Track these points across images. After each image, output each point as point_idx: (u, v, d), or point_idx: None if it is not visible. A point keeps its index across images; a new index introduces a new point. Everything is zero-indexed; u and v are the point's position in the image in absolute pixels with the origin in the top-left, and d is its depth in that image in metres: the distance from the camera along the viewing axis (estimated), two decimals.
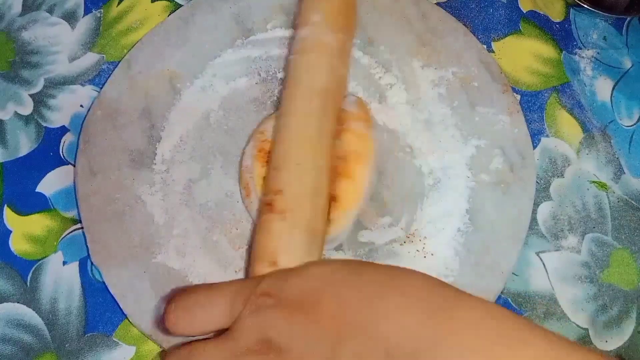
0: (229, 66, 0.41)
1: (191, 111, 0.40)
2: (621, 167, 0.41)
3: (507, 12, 0.45)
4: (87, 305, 0.37)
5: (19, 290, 0.37)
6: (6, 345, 0.36)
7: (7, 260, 0.37)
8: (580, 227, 0.40)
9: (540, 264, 0.39)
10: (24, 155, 0.40)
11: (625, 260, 0.39)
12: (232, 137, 0.39)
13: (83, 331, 0.36)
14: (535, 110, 0.42)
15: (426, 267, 0.37)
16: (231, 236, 0.37)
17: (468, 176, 0.39)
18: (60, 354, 0.36)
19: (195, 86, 0.40)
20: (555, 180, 0.41)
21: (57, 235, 0.38)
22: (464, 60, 0.42)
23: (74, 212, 0.38)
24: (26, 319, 0.36)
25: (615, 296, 0.38)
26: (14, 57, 0.42)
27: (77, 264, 0.37)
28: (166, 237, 0.37)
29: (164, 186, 0.38)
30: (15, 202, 0.39)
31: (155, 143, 0.39)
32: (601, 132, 0.42)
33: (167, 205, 0.38)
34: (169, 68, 0.41)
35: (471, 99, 0.41)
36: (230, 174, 0.39)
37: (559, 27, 0.45)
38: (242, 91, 0.41)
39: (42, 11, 0.43)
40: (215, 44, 0.41)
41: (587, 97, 0.43)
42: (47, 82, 0.41)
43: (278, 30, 0.42)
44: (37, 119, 0.40)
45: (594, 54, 0.44)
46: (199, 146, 0.39)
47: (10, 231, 0.38)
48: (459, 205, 0.38)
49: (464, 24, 0.43)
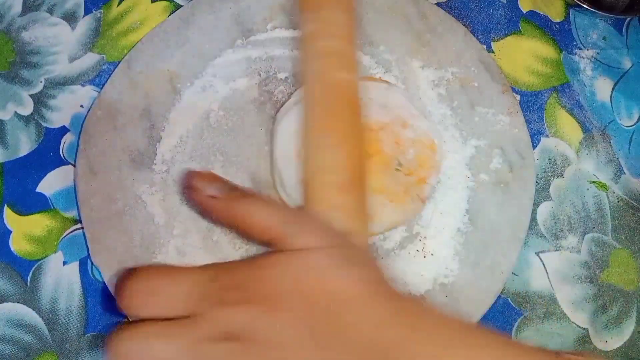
0: (229, 66, 0.41)
1: (191, 111, 0.40)
2: (621, 167, 0.41)
3: (506, 12, 0.45)
4: (88, 305, 0.37)
5: (19, 290, 0.37)
6: (6, 345, 0.36)
7: (7, 260, 0.37)
8: (580, 227, 0.40)
9: (540, 264, 0.39)
10: (24, 155, 0.40)
11: (625, 260, 0.39)
12: (232, 137, 0.39)
13: (83, 331, 0.36)
14: (535, 110, 0.42)
15: (426, 267, 0.37)
16: (231, 236, 0.37)
17: (468, 176, 0.39)
18: (60, 354, 0.36)
19: (196, 86, 0.40)
20: (555, 180, 0.41)
21: (58, 235, 0.38)
22: (463, 61, 0.42)
23: (74, 212, 0.38)
24: (26, 319, 0.36)
25: (615, 296, 0.39)
26: (14, 57, 0.42)
27: (77, 263, 0.37)
28: (166, 237, 0.37)
29: (164, 186, 0.38)
30: (16, 202, 0.39)
31: (155, 143, 0.39)
32: (601, 132, 0.42)
33: (167, 205, 0.38)
34: (169, 68, 0.41)
35: (471, 99, 0.41)
36: (230, 173, 0.39)
37: (558, 27, 0.45)
38: (242, 91, 0.41)
39: (42, 11, 0.43)
40: (216, 44, 0.41)
41: (586, 97, 0.43)
42: (47, 82, 0.41)
43: (278, 31, 0.42)
44: (37, 119, 0.40)
45: (593, 54, 0.44)
46: (199, 146, 0.39)
47: (10, 231, 0.38)
48: (458, 205, 0.38)
49: (464, 24, 0.43)
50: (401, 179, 0.37)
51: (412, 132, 0.38)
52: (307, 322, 0.26)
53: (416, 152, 0.37)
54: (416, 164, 0.37)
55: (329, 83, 0.35)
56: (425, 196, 0.37)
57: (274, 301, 0.27)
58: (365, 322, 0.26)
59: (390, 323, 0.26)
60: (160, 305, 0.27)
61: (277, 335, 0.26)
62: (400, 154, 0.37)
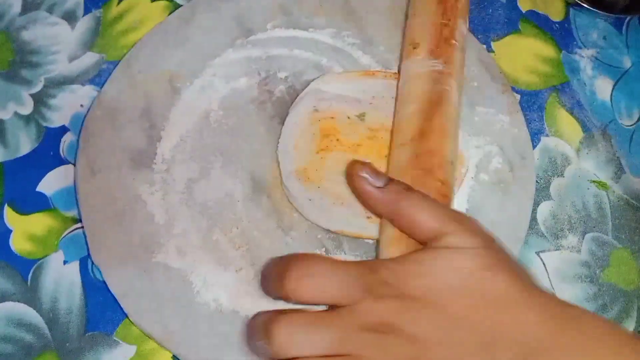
0: (229, 66, 0.41)
1: (191, 111, 0.40)
2: (621, 167, 0.41)
3: (506, 11, 0.45)
4: (88, 304, 0.37)
5: (19, 290, 0.37)
6: (7, 344, 0.36)
7: (7, 259, 0.37)
8: (580, 227, 0.40)
9: (540, 263, 0.39)
10: (24, 155, 0.40)
11: (625, 259, 0.39)
12: (232, 137, 0.39)
13: (84, 330, 0.36)
14: (535, 109, 0.42)
15: None
16: (231, 236, 0.37)
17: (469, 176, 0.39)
18: (60, 353, 0.36)
19: (195, 86, 0.40)
20: (555, 179, 0.41)
21: (58, 235, 0.38)
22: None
23: (74, 211, 0.38)
24: (27, 318, 0.36)
25: (615, 296, 0.39)
26: (13, 56, 0.42)
27: (77, 263, 0.37)
28: (166, 237, 0.37)
29: (164, 186, 0.38)
30: (16, 201, 0.39)
31: (155, 143, 0.39)
32: (601, 132, 0.42)
33: (167, 204, 0.38)
34: (169, 68, 0.41)
35: (471, 99, 0.41)
36: (230, 173, 0.39)
37: (558, 27, 0.45)
38: (242, 91, 0.41)
39: (42, 11, 0.43)
40: (215, 44, 0.41)
41: (587, 97, 0.43)
42: (47, 81, 0.41)
43: (278, 30, 0.42)
44: (37, 118, 0.40)
45: (593, 53, 0.44)
46: (199, 146, 0.39)
47: (10, 230, 0.38)
48: (458, 205, 0.38)
49: None
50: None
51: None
52: (464, 322, 0.27)
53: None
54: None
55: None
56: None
57: (433, 297, 0.27)
58: (520, 324, 0.27)
59: (546, 325, 0.27)
60: (323, 291, 0.28)
61: (432, 330, 0.27)
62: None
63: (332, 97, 0.39)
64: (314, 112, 0.38)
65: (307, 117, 0.38)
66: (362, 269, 0.28)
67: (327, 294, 0.28)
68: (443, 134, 0.34)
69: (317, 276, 0.28)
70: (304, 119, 0.38)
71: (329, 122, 0.38)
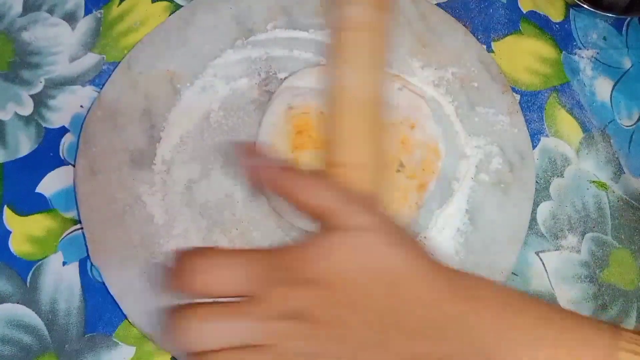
0: (229, 66, 0.41)
1: (191, 111, 0.40)
2: (621, 167, 0.41)
3: (506, 12, 0.45)
4: (87, 305, 0.37)
5: (18, 291, 0.37)
6: (6, 345, 0.36)
7: (6, 260, 0.37)
8: (580, 227, 0.40)
9: (540, 263, 0.39)
10: (24, 155, 0.40)
11: (625, 259, 0.39)
12: (232, 138, 0.39)
13: (83, 331, 0.36)
14: (534, 110, 0.42)
15: None
16: (231, 236, 0.37)
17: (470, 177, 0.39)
18: (60, 355, 0.36)
19: (196, 86, 0.40)
20: (555, 180, 0.41)
21: (57, 236, 0.38)
22: (463, 61, 0.42)
23: (73, 212, 0.38)
24: (26, 319, 0.36)
25: (615, 296, 0.39)
26: (14, 57, 0.42)
27: (77, 264, 0.37)
28: (166, 237, 0.37)
29: (164, 186, 0.38)
30: (15, 202, 0.39)
31: (155, 143, 0.39)
32: (601, 132, 0.42)
33: (167, 205, 0.38)
34: (169, 68, 0.41)
35: (471, 99, 0.41)
36: (230, 174, 0.39)
37: (558, 27, 0.45)
38: (242, 91, 0.41)
39: (43, 12, 0.43)
40: (216, 45, 0.41)
41: (586, 97, 0.43)
42: (47, 82, 0.41)
43: (278, 31, 0.42)
44: (37, 119, 0.40)
45: (593, 54, 0.44)
46: (199, 146, 0.39)
47: (10, 232, 0.38)
48: (458, 205, 0.38)
49: (464, 24, 0.43)
50: (401, 183, 0.37)
51: (420, 133, 0.38)
52: (368, 300, 0.27)
53: (421, 154, 0.37)
54: (419, 167, 0.37)
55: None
56: (422, 203, 0.37)
57: (334, 279, 0.27)
58: (425, 298, 0.27)
59: (450, 298, 0.27)
60: (223, 284, 0.27)
61: (339, 313, 0.27)
62: (404, 154, 0.37)
63: (306, 91, 0.39)
64: (288, 110, 0.38)
65: (282, 116, 0.38)
66: (265, 257, 0.28)
67: (230, 286, 0.27)
68: (340, 118, 0.33)
69: (217, 269, 0.27)
70: (279, 118, 0.38)
71: (302, 118, 0.38)
